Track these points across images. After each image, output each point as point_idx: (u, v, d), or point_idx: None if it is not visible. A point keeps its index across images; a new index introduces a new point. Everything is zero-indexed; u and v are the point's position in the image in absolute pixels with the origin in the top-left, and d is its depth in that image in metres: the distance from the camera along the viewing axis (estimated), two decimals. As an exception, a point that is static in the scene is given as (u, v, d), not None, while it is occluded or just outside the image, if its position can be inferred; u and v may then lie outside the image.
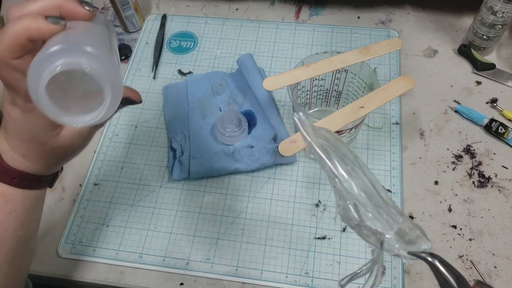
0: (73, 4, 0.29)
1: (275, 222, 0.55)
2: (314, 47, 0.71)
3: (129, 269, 0.52)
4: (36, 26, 0.27)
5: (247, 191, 0.57)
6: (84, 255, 0.53)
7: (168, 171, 0.59)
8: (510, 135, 0.58)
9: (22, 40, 0.27)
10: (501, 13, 0.60)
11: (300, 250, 0.52)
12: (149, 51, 0.72)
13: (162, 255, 0.53)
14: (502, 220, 0.53)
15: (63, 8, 0.29)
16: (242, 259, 0.52)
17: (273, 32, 0.73)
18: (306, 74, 0.49)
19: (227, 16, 0.77)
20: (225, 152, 0.59)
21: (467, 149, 0.59)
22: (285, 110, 0.64)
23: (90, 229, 0.55)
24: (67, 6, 0.29)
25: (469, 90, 0.65)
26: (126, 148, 0.62)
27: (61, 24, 0.27)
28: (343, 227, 0.54)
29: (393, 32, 0.72)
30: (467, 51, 0.67)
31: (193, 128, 0.62)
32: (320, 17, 0.76)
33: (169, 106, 0.65)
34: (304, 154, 0.60)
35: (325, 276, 0.50)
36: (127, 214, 0.56)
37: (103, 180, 0.59)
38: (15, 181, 0.35)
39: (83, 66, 0.26)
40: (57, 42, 0.26)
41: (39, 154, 0.35)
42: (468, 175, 0.57)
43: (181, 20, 0.76)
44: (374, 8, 0.76)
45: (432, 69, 0.68)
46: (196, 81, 0.67)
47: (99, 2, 0.81)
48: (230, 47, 0.72)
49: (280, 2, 0.79)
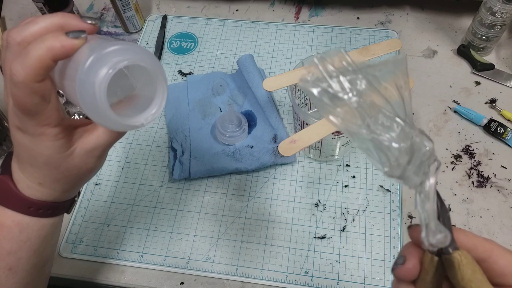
0: (76, 20, 0.28)
1: (275, 222, 0.55)
2: (314, 48, 0.71)
3: (130, 269, 0.53)
4: (59, 44, 0.26)
5: (247, 191, 0.57)
6: (85, 255, 0.53)
7: (169, 171, 0.60)
8: (509, 135, 0.59)
9: (47, 61, 0.26)
10: (500, 13, 0.60)
11: (300, 250, 0.53)
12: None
13: (163, 254, 0.53)
14: (501, 219, 0.54)
15: (66, 26, 0.28)
16: (242, 258, 0.53)
17: (273, 33, 0.74)
18: (306, 74, 0.49)
19: (227, 17, 0.77)
20: (225, 152, 0.59)
21: (466, 149, 0.59)
22: (285, 110, 0.64)
23: (91, 228, 0.55)
24: (69, 23, 0.28)
25: (468, 91, 0.65)
26: (127, 148, 0.62)
27: (83, 38, 0.27)
28: (342, 226, 0.54)
29: (393, 32, 0.72)
30: (466, 52, 0.68)
31: (193, 128, 0.62)
32: (319, 18, 0.76)
33: (169, 107, 0.65)
34: (304, 154, 0.60)
35: (325, 275, 0.51)
36: (128, 213, 0.56)
37: (104, 180, 0.59)
38: (31, 210, 0.34)
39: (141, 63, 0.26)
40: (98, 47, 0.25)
41: (55, 178, 0.33)
42: (467, 175, 0.57)
43: (181, 21, 0.77)
44: (373, 9, 0.76)
45: (431, 69, 0.68)
46: (197, 81, 0.67)
47: (100, 3, 0.81)
48: (230, 48, 0.72)
49: (280, 3, 0.79)
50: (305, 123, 0.50)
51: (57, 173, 0.33)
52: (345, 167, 0.59)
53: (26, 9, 0.81)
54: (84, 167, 0.33)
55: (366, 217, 0.54)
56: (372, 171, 0.58)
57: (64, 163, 0.32)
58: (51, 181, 0.33)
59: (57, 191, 0.34)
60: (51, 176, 0.33)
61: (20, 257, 0.34)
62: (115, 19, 0.79)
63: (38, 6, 0.67)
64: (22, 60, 0.26)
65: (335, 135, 0.50)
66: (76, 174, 0.34)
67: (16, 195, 0.33)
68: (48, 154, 0.31)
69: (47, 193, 0.34)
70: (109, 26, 0.78)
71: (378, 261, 0.51)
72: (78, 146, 0.32)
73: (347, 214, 0.55)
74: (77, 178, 0.34)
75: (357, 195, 0.56)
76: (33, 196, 0.34)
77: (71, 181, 0.34)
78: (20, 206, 0.34)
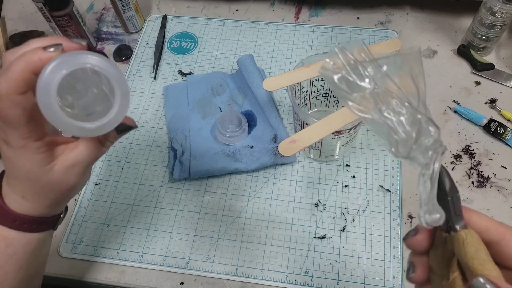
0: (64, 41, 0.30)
1: (275, 222, 0.55)
2: (313, 48, 0.71)
3: (129, 269, 0.53)
4: (37, 57, 0.28)
5: (247, 191, 0.57)
6: (85, 255, 0.53)
7: (169, 171, 0.60)
8: (509, 135, 0.59)
9: (27, 74, 0.28)
10: (500, 13, 0.60)
11: (300, 250, 0.53)
12: (149, 52, 0.73)
13: (163, 254, 0.53)
14: (501, 219, 0.54)
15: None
16: (242, 258, 0.53)
17: (273, 33, 0.74)
18: (306, 74, 0.49)
19: (227, 17, 0.77)
20: (225, 152, 0.59)
21: (466, 149, 0.59)
22: (284, 110, 0.64)
23: (91, 228, 0.55)
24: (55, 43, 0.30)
25: (468, 91, 0.65)
26: (127, 148, 0.62)
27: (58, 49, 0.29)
28: (342, 226, 0.54)
29: (393, 32, 0.72)
30: (466, 52, 0.68)
31: (193, 128, 0.62)
32: (319, 18, 0.76)
33: (169, 107, 0.65)
34: (304, 154, 0.60)
35: (325, 275, 0.51)
36: (128, 213, 0.56)
37: (104, 180, 0.59)
38: (15, 224, 0.35)
39: (87, 65, 0.27)
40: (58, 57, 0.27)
41: (36, 192, 0.34)
42: (467, 175, 0.57)
43: (181, 21, 0.77)
44: (373, 9, 0.76)
45: (431, 69, 0.68)
46: (197, 81, 0.67)
47: (100, 3, 0.81)
48: (230, 48, 0.72)
49: (280, 3, 0.79)
50: (305, 123, 0.50)
51: (38, 187, 0.34)
52: (345, 167, 0.59)
53: (26, 9, 0.81)
54: (64, 182, 0.34)
55: (366, 217, 0.54)
56: (372, 171, 0.58)
57: (45, 177, 0.33)
58: (33, 194, 0.35)
59: (40, 205, 0.35)
60: (32, 189, 0.34)
61: (7, 271, 0.35)
62: (115, 19, 0.79)
63: (38, 6, 0.67)
64: (5, 74, 0.28)
65: (335, 135, 0.50)
66: (57, 189, 0.35)
67: (2, 209, 0.35)
68: (29, 167, 0.33)
69: (31, 207, 0.35)
70: (109, 26, 0.78)
71: (378, 261, 0.51)
72: (59, 162, 0.33)
73: (347, 214, 0.55)
74: (58, 194, 0.35)
75: (357, 195, 0.56)
76: (18, 209, 0.35)
77: (53, 196, 0.35)
78: (6, 220, 0.35)
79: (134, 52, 0.73)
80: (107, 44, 0.75)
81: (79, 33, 0.69)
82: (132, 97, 0.67)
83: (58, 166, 0.33)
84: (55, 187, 0.34)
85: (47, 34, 0.76)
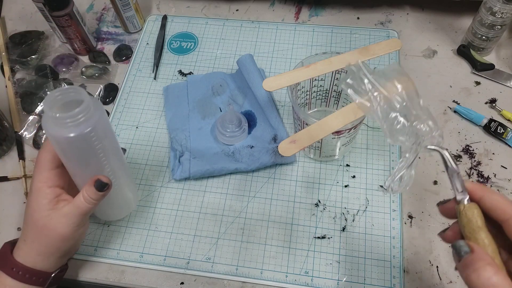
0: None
1: (275, 222, 0.55)
2: (313, 48, 0.71)
3: (129, 269, 0.53)
4: None
5: (247, 191, 0.57)
6: (85, 255, 0.53)
7: (169, 171, 0.60)
8: (509, 135, 0.59)
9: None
10: (500, 13, 0.60)
11: (300, 250, 0.53)
12: (149, 52, 0.73)
13: (163, 254, 0.53)
14: (501, 219, 0.54)
15: None
16: (242, 258, 0.53)
17: (273, 32, 0.74)
18: (306, 74, 0.49)
19: (227, 17, 0.77)
20: (225, 152, 0.59)
21: (466, 149, 0.59)
22: (285, 110, 0.64)
23: (91, 228, 0.55)
24: None
25: (468, 91, 0.65)
26: (127, 148, 0.62)
27: None
28: (342, 226, 0.54)
29: (393, 32, 0.72)
30: (466, 52, 0.68)
31: (193, 128, 0.62)
32: (319, 18, 0.76)
33: (169, 107, 0.65)
34: (304, 154, 0.60)
35: (325, 275, 0.51)
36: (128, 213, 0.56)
37: (104, 180, 0.59)
38: (13, 272, 0.41)
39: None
40: None
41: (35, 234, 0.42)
42: (467, 175, 0.57)
43: (181, 21, 0.77)
44: (373, 9, 0.76)
45: (431, 69, 0.68)
46: (197, 81, 0.67)
47: (100, 3, 0.81)
48: (230, 48, 0.72)
49: (280, 3, 0.79)
50: (305, 123, 0.50)
51: (36, 230, 0.42)
52: (345, 167, 0.59)
53: (26, 9, 0.81)
54: (58, 229, 0.41)
55: (366, 217, 0.54)
56: (372, 171, 0.58)
57: (43, 220, 0.41)
58: (31, 237, 0.42)
59: (33, 250, 0.42)
60: (32, 230, 0.42)
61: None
62: (115, 19, 0.79)
63: (38, 6, 0.67)
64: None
65: (335, 135, 0.50)
66: (50, 235, 0.42)
67: (7, 257, 0.42)
68: (35, 206, 0.41)
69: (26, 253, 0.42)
70: (109, 26, 0.78)
71: (378, 261, 0.51)
72: (56, 212, 0.41)
73: (347, 214, 0.55)
74: (52, 240, 0.42)
75: (357, 195, 0.56)
76: (16, 256, 0.42)
77: (45, 243, 0.42)
78: (5, 266, 0.42)
79: (134, 52, 0.73)
80: (107, 44, 0.75)
81: (79, 33, 0.69)
82: (132, 97, 0.67)
83: (55, 214, 0.41)
84: (49, 233, 0.41)
85: (47, 35, 0.76)
